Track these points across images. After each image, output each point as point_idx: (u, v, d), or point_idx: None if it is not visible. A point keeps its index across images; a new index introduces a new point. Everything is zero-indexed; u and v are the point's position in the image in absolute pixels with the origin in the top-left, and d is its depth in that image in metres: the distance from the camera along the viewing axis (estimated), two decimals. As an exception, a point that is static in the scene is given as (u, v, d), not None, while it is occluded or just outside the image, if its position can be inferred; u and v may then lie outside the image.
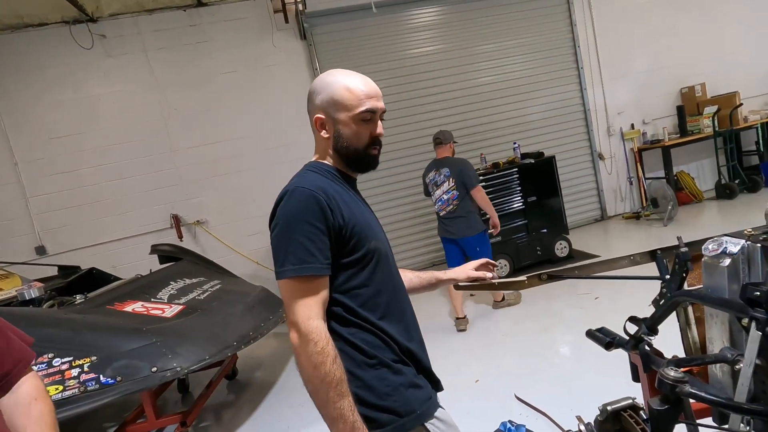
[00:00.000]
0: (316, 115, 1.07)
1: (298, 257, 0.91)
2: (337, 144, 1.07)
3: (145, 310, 2.57)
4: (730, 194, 6.03)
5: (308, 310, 0.90)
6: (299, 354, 0.90)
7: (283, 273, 0.92)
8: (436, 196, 3.77)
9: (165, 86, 4.98)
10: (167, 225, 5.04)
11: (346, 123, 1.05)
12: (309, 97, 1.09)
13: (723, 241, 1.15)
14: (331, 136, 1.07)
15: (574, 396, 2.39)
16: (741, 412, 0.95)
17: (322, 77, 1.09)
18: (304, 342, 0.89)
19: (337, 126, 1.06)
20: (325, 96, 1.05)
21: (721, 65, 6.49)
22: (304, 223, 0.93)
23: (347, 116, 1.04)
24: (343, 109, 1.04)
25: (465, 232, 3.64)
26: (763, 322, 0.93)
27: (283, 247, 0.93)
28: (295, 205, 0.95)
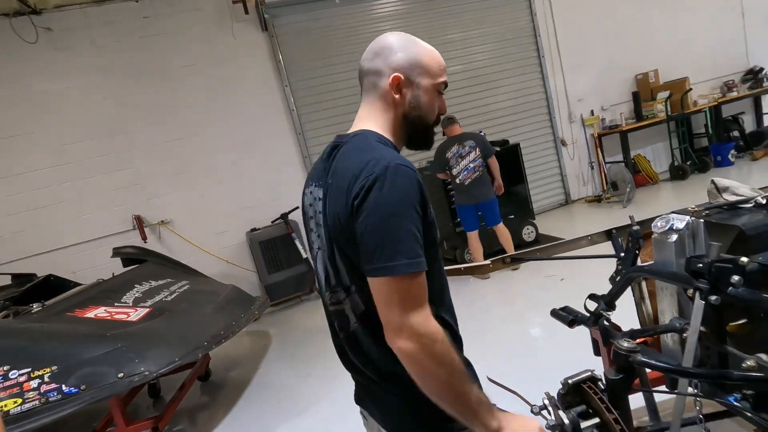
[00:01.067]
0: (395, 74, 0.91)
1: (413, 250, 0.76)
2: (412, 112, 0.94)
3: (108, 315, 2.48)
4: (683, 175, 6.37)
5: (423, 309, 0.78)
6: (422, 360, 0.76)
7: (395, 268, 0.75)
8: (461, 167, 4.19)
9: (120, 82, 4.76)
10: (130, 227, 4.85)
11: (427, 90, 0.94)
12: (378, 52, 0.94)
13: (670, 218, 1.22)
14: (406, 101, 0.93)
15: (542, 373, 2.47)
16: (686, 376, 1.02)
17: (395, 35, 0.95)
18: (428, 344, 0.76)
19: (416, 91, 0.93)
20: (408, 55, 0.92)
21: (671, 52, 6.80)
22: (413, 209, 0.78)
23: (429, 83, 0.94)
24: (427, 74, 0.93)
25: (488, 194, 4.23)
26: (705, 291, 0.99)
27: (388, 235, 0.76)
28: (402, 186, 0.78)
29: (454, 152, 4.21)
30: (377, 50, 0.95)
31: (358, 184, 0.79)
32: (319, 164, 0.98)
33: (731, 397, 1.04)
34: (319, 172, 0.95)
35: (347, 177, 0.82)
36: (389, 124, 0.94)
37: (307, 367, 3.30)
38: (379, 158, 0.81)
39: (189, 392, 3.14)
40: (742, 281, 0.96)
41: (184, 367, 3.19)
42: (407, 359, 0.77)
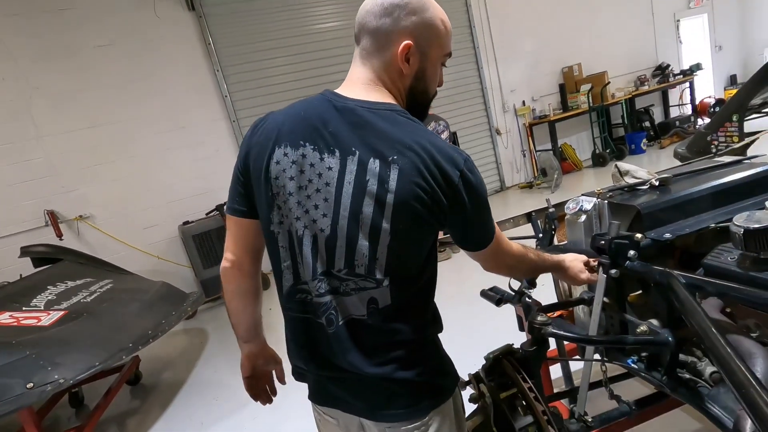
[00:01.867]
0: (406, 41, 0.81)
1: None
2: (417, 85, 0.86)
3: (14, 321, 2.24)
4: (603, 162, 6.92)
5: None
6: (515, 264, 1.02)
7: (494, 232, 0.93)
8: None
9: (22, 61, 4.23)
10: (41, 223, 4.38)
11: (434, 62, 0.86)
12: (391, 10, 0.82)
13: (580, 200, 1.32)
14: (412, 73, 0.85)
15: (476, 352, 2.62)
16: (589, 343, 1.12)
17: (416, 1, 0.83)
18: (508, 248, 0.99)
19: (425, 62, 0.85)
20: (423, 20, 0.82)
21: (592, 47, 7.31)
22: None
23: (437, 54, 0.86)
24: (437, 45, 0.85)
25: None
26: (607, 266, 1.09)
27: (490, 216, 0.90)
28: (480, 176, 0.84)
29: (432, 128, 4.21)
30: (388, 6, 0.82)
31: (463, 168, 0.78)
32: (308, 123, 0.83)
33: (629, 359, 1.16)
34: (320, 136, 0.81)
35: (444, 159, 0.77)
36: (399, 96, 0.86)
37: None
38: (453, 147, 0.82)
39: (117, 398, 2.94)
40: (637, 255, 1.06)
41: (109, 372, 2.98)
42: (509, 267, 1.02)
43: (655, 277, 1.02)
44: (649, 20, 7.88)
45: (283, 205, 0.82)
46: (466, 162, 0.79)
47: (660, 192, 1.27)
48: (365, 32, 0.85)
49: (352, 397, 0.88)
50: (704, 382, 1.03)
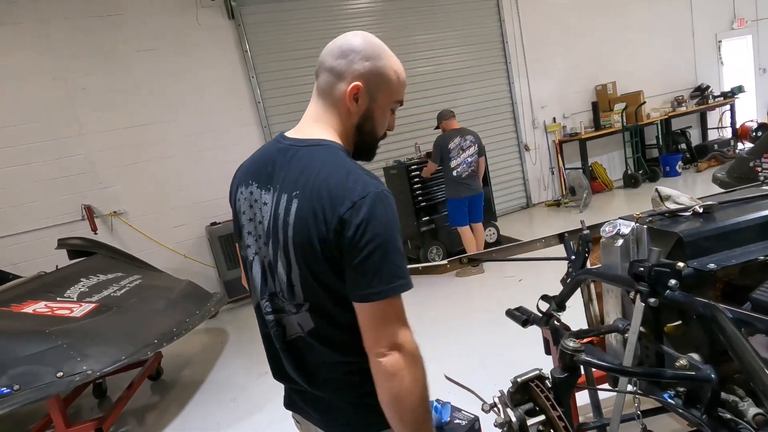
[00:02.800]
0: (356, 82, 0.87)
1: (405, 271, 0.81)
2: (364, 125, 0.92)
3: (49, 311, 2.32)
4: (635, 183, 6.72)
5: (408, 327, 0.82)
6: (404, 377, 0.79)
7: (393, 290, 0.79)
8: (461, 159, 4.28)
9: (70, 62, 4.46)
10: (78, 217, 4.57)
11: (382, 106, 0.92)
12: (347, 53, 0.88)
13: (617, 223, 1.28)
14: (360, 112, 0.91)
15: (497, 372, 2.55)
16: (624, 374, 1.07)
17: (366, 39, 0.90)
18: (413, 363, 0.80)
19: (372, 105, 0.91)
20: (375, 66, 0.88)
21: (628, 66, 7.16)
22: (399, 233, 0.82)
23: (386, 100, 0.92)
24: (386, 90, 0.91)
25: (480, 188, 4.45)
26: (645, 294, 1.04)
27: (393, 261, 0.79)
28: (392, 212, 0.81)
29: (457, 144, 4.26)
30: (345, 50, 0.88)
31: (350, 206, 0.78)
32: (259, 164, 0.93)
33: (666, 394, 1.10)
34: (263, 174, 0.91)
35: (330, 197, 0.79)
36: (343, 132, 0.91)
37: (263, 365, 3.21)
38: (365, 181, 0.81)
39: (138, 392, 3.01)
40: (678, 285, 1.02)
41: (133, 366, 3.05)
42: (390, 374, 0.79)
43: (698, 309, 0.97)
44: (689, 40, 7.67)
45: (244, 235, 0.95)
46: (374, 202, 0.79)
47: (704, 220, 1.22)
48: (322, 70, 0.92)
49: (309, 408, 0.97)
50: (746, 424, 0.97)
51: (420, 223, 4.86)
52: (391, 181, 5.30)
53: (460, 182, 4.31)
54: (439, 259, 4.87)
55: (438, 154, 4.33)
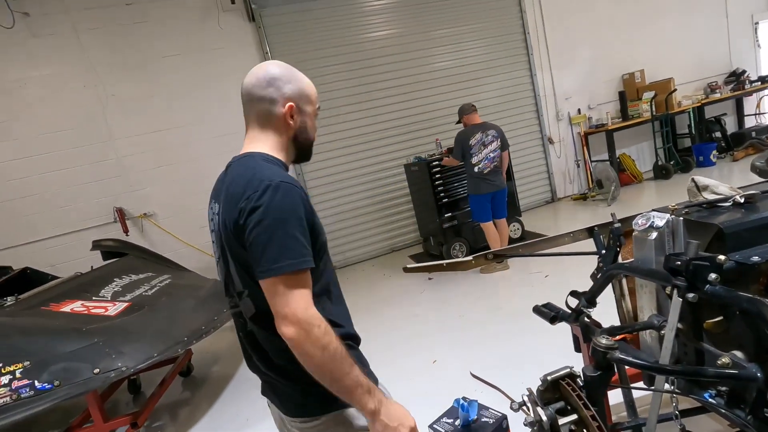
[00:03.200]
0: (290, 103, 1.06)
1: (295, 252, 0.90)
2: (301, 135, 1.10)
3: (85, 310, 2.42)
4: (666, 174, 6.47)
5: (304, 300, 0.90)
6: (302, 342, 0.88)
7: (279, 269, 0.89)
8: (483, 155, 4.19)
9: (100, 70, 4.63)
10: (111, 219, 4.75)
11: (310, 116, 1.12)
12: (268, 83, 1.06)
13: (651, 215, 1.22)
14: (295, 126, 1.09)
15: (525, 369, 2.51)
16: (662, 372, 1.03)
17: (278, 66, 1.09)
18: (307, 329, 0.89)
19: (303, 117, 1.10)
20: (296, 87, 1.08)
21: (657, 53, 6.89)
22: (296, 218, 0.93)
23: (312, 109, 1.12)
24: (309, 102, 1.11)
25: (504, 183, 4.35)
26: (683, 289, 1.00)
27: (274, 241, 0.90)
28: (284, 199, 0.92)
29: (478, 139, 4.18)
30: (270, 79, 1.06)
31: (246, 198, 0.93)
32: (217, 182, 1.12)
33: (706, 393, 1.05)
34: (217, 190, 1.08)
35: (237, 192, 0.95)
36: (280, 145, 1.08)
37: (291, 362, 3.27)
38: (263, 176, 0.95)
39: (170, 388, 3.09)
40: (719, 279, 0.97)
41: (165, 363, 3.14)
42: (292, 343, 0.89)
43: (741, 304, 0.92)
44: (723, 23, 7.32)
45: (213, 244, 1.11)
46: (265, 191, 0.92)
47: (745, 210, 1.16)
48: (252, 100, 1.08)
49: (272, 394, 1.10)
50: (797, 426, 0.92)
51: (442, 220, 4.82)
52: (412, 177, 5.27)
53: (481, 178, 4.23)
54: (462, 255, 4.82)
55: (459, 151, 4.25)
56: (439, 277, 4.42)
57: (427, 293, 4.14)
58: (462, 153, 4.24)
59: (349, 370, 0.92)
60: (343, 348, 0.92)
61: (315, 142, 1.17)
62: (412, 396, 2.54)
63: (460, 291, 4.02)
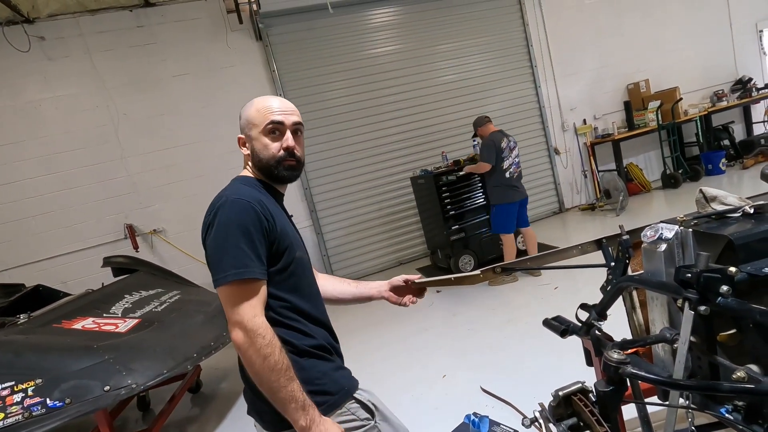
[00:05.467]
0: (239, 135, 1.20)
1: (239, 262, 0.97)
2: (254, 158, 1.17)
3: (96, 327, 2.44)
4: (675, 183, 6.42)
5: (252, 309, 0.96)
6: (246, 349, 0.94)
7: (225, 278, 0.96)
8: (511, 160, 4.15)
9: (112, 90, 4.75)
10: (121, 236, 4.81)
11: (257, 138, 1.15)
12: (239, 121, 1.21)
13: (659, 227, 1.22)
14: (250, 151, 1.17)
15: (536, 384, 2.47)
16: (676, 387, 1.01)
17: (247, 103, 1.20)
18: (252, 337, 0.94)
19: (252, 142, 1.17)
20: (243, 118, 1.18)
21: (662, 62, 6.90)
22: (242, 231, 0.98)
23: (257, 132, 1.15)
24: (254, 126, 1.16)
25: (526, 191, 4.30)
26: (694, 301, 0.99)
27: (222, 253, 0.98)
28: (232, 213, 1.00)
29: (506, 144, 4.13)
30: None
31: (206, 214, 1.04)
32: None
33: (723, 408, 1.03)
34: None
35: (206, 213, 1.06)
36: (253, 170, 1.19)
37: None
38: (222, 194, 1.05)
39: (179, 404, 3.09)
40: (731, 291, 0.95)
41: (174, 379, 3.13)
42: (238, 349, 0.95)
43: (754, 316, 0.91)
44: (727, 31, 7.33)
45: None
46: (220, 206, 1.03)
47: (755, 220, 1.14)
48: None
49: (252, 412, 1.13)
50: (818, 442, 0.89)
51: (449, 232, 4.81)
52: (419, 190, 5.29)
53: (510, 186, 4.12)
54: (470, 268, 4.79)
55: (492, 154, 4.07)
56: (447, 289, 4.39)
57: (436, 306, 4.11)
58: (495, 156, 4.07)
59: (285, 384, 0.96)
60: (285, 362, 0.96)
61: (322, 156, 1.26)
62: (422, 411, 2.51)
63: (469, 304, 3.99)
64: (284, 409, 0.97)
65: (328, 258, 5.55)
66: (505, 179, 4.13)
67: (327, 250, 5.55)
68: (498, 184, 4.18)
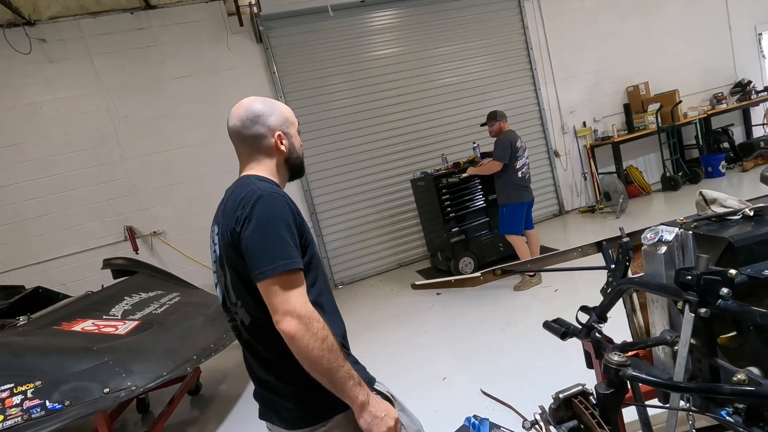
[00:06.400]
0: (278, 132, 1.18)
1: (287, 253, 0.98)
2: (292, 155, 1.21)
3: (96, 329, 2.43)
4: (675, 186, 6.42)
5: (302, 297, 0.97)
6: (302, 336, 0.94)
7: (274, 270, 0.96)
8: (524, 160, 4.09)
9: (113, 92, 4.75)
10: (121, 238, 4.81)
11: (296, 136, 1.24)
12: (253, 120, 1.17)
13: (659, 230, 1.22)
14: (287, 149, 1.20)
15: (536, 386, 2.47)
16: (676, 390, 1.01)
17: (262, 101, 1.20)
18: (307, 323, 0.95)
19: (291, 140, 1.21)
20: (279, 115, 1.20)
21: (661, 65, 6.92)
22: (285, 224, 1.00)
23: (295, 130, 1.24)
24: (291, 125, 1.22)
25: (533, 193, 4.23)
26: (695, 304, 0.99)
27: (271, 245, 0.98)
28: (274, 206, 1.01)
29: (521, 144, 4.07)
30: (252, 118, 1.17)
31: (241, 207, 1.02)
32: (218, 208, 1.18)
33: (723, 411, 1.03)
34: (217, 215, 1.16)
35: (233, 205, 1.04)
36: (273, 169, 1.19)
37: (300, 380, 3.24)
38: (255, 189, 1.05)
39: (179, 407, 3.08)
40: (731, 293, 0.95)
41: (173, 381, 3.13)
42: (290, 337, 0.94)
43: (755, 319, 0.91)
44: (726, 34, 7.35)
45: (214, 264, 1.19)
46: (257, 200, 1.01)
47: (755, 223, 1.15)
48: (242, 138, 1.19)
49: (270, 411, 1.13)
50: (819, 445, 0.89)
51: (450, 234, 4.81)
52: (418, 192, 5.29)
53: (522, 186, 4.05)
54: (470, 270, 4.79)
55: (507, 151, 3.95)
56: (447, 291, 4.39)
57: (436, 308, 4.11)
58: (511, 154, 3.97)
59: (342, 363, 0.98)
60: (337, 343, 0.98)
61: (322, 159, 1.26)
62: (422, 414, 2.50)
63: (470, 306, 3.99)
64: (343, 387, 0.98)
65: (328, 260, 5.54)
66: (517, 178, 4.02)
67: (327, 252, 5.54)
68: (510, 183, 4.05)
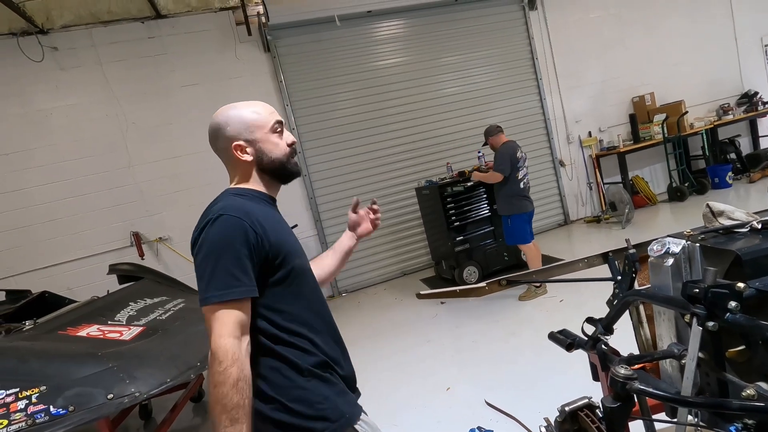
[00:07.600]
0: (234, 143, 1.11)
1: (223, 283, 0.94)
2: (262, 161, 1.13)
3: (101, 334, 2.44)
4: (681, 196, 6.39)
5: (222, 328, 0.93)
6: (213, 369, 0.91)
7: (207, 299, 0.95)
8: (525, 170, 4.13)
9: (122, 99, 4.82)
10: (127, 243, 4.84)
11: (265, 139, 1.13)
12: (215, 134, 1.15)
13: (666, 242, 1.21)
14: (254, 156, 1.12)
15: (541, 398, 2.44)
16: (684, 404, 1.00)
17: (221, 114, 1.15)
18: (212, 359, 0.92)
19: (257, 145, 1.12)
20: (236, 123, 1.12)
21: (667, 76, 6.92)
22: (229, 250, 0.96)
23: (263, 133, 1.13)
24: (258, 128, 1.13)
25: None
26: (702, 317, 0.98)
27: (208, 273, 0.96)
28: (219, 232, 0.98)
29: (521, 155, 4.10)
30: (213, 134, 1.15)
31: (196, 231, 1.02)
32: None
33: (732, 426, 1.01)
34: None
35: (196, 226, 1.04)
36: (250, 178, 1.14)
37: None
38: (216, 209, 1.01)
39: (181, 413, 3.07)
40: (739, 307, 0.95)
41: (176, 388, 3.12)
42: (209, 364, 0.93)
43: (764, 333, 0.90)
44: (732, 45, 7.35)
45: None
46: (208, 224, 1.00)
47: (763, 236, 1.14)
48: (216, 151, 1.17)
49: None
50: (831, 463, 0.87)
51: (454, 243, 4.80)
52: (423, 201, 5.29)
53: (524, 196, 4.07)
54: (474, 279, 4.77)
55: (508, 163, 3.99)
56: (451, 301, 4.37)
57: (440, 318, 4.09)
58: (512, 165, 4.00)
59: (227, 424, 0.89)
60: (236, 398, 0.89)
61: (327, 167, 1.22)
62: (425, 424, 2.49)
63: (474, 315, 3.97)
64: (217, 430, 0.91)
65: (332, 268, 5.54)
66: (519, 189, 4.04)
67: (331, 259, 5.54)
68: (512, 194, 4.06)
